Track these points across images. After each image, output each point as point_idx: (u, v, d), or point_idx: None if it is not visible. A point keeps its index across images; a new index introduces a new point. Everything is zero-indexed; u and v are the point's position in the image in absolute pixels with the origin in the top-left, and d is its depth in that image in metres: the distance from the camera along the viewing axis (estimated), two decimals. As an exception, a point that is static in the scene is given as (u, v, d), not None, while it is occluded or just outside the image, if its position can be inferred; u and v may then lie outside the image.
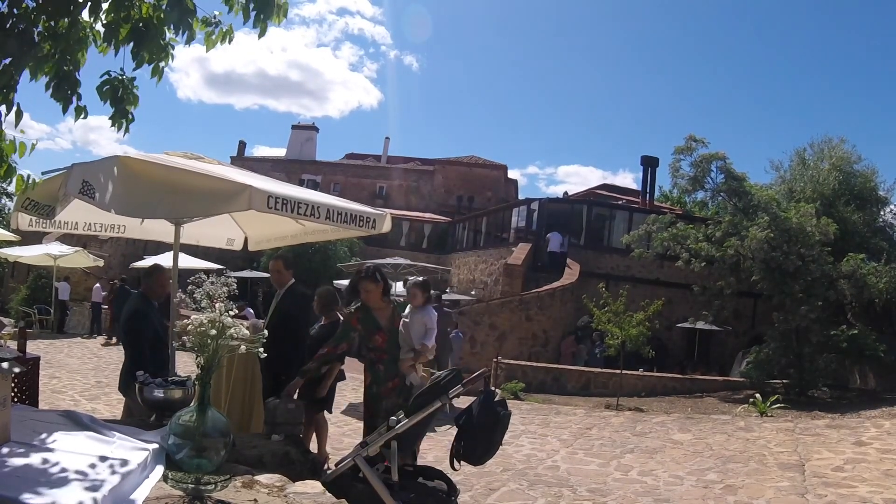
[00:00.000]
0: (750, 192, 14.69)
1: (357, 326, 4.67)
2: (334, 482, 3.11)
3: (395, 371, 4.59)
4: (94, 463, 2.37)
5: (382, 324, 4.65)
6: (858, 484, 5.68)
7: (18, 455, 2.33)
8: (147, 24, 3.08)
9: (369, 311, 4.66)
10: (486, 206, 30.99)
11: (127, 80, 3.25)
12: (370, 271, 4.73)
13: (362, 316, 4.66)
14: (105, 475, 2.26)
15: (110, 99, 3.22)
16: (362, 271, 4.82)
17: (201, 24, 3.18)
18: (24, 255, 16.42)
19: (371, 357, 4.67)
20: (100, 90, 3.22)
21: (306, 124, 41.88)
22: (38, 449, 2.43)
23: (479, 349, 16.01)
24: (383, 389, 4.57)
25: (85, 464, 2.34)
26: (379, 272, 4.75)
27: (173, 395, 3.25)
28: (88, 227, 5.19)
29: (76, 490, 2.09)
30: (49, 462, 2.32)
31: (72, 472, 2.24)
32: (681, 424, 9.09)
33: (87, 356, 12.65)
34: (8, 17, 2.79)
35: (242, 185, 3.60)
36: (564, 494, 5.65)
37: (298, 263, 15.59)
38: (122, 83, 3.23)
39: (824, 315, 13.54)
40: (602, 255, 20.06)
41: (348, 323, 4.77)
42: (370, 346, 4.66)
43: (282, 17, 3.16)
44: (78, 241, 17.83)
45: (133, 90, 3.28)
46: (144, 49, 3.07)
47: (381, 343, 4.63)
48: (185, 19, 3.03)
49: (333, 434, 7.57)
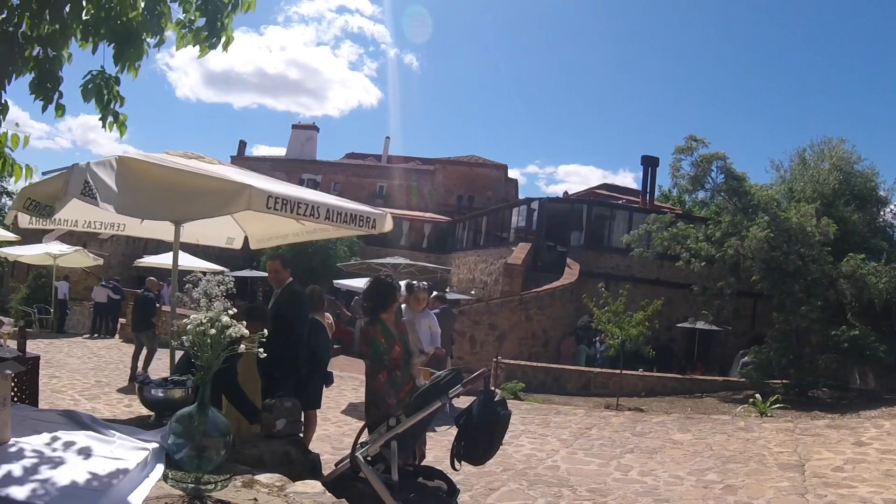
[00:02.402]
0: (750, 191, 14.70)
1: (381, 341, 4.67)
2: (334, 482, 3.11)
3: (408, 375, 4.69)
4: (93, 463, 2.37)
5: (396, 334, 4.71)
6: (858, 484, 5.68)
7: (18, 455, 2.33)
8: (128, 27, 3.07)
9: (385, 324, 4.70)
10: (486, 206, 31.00)
11: (112, 79, 3.23)
12: (398, 283, 4.83)
13: (382, 329, 4.69)
14: (105, 475, 2.26)
15: (95, 98, 3.21)
16: (394, 283, 4.84)
17: (175, 25, 3.19)
18: (24, 255, 16.42)
19: (388, 366, 4.68)
20: (84, 89, 3.20)
21: (307, 124, 41.92)
22: (37, 449, 2.43)
23: (479, 349, 16.01)
24: (400, 395, 4.62)
25: (84, 464, 2.34)
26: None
27: (173, 395, 3.25)
28: (88, 225, 5.21)
29: (76, 490, 2.09)
30: (49, 462, 2.32)
31: (72, 472, 2.24)
32: (681, 424, 9.08)
33: (87, 356, 12.65)
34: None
35: (242, 185, 3.59)
36: (564, 494, 5.65)
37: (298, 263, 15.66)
38: (105, 80, 3.22)
39: (824, 315, 13.55)
40: (602, 254, 20.08)
41: (375, 339, 4.70)
42: (387, 359, 4.68)
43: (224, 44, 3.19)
44: (78, 240, 17.84)
45: (116, 89, 3.27)
46: (127, 51, 3.08)
47: (398, 353, 4.70)
48: (159, 23, 3.05)
49: (333, 434, 7.57)
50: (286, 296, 5.35)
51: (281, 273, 5.38)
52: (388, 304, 4.72)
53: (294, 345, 5.09)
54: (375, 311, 4.73)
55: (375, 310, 4.74)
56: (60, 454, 2.41)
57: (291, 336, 5.15)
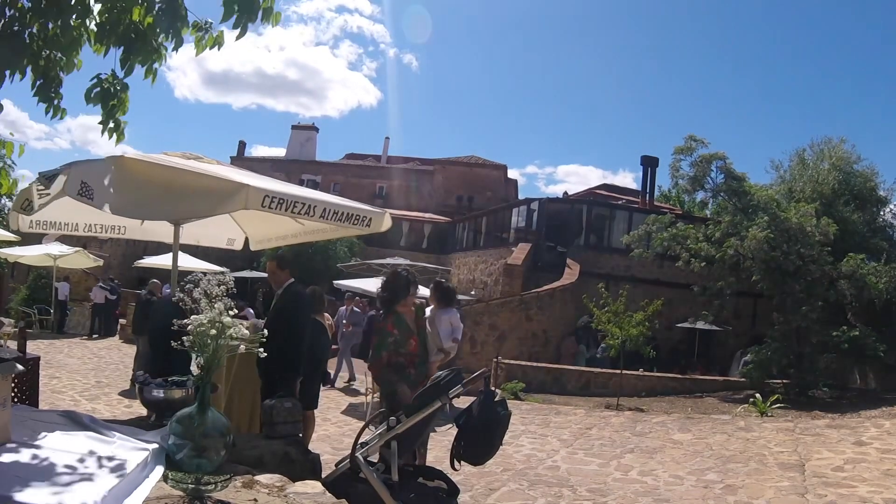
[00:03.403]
0: (750, 192, 14.70)
1: (394, 332, 4.62)
2: (334, 482, 3.11)
3: (424, 373, 4.62)
4: (94, 463, 2.37)
5: (413, 328, 4.66)
6: (858, 484, 5.68)
7: (18, 455, 2.33)
8: (136, 31, 3.06)
9: (401, 316, 4.66)
10: (486, 206, 30.98)
11: (119, 85, 3.22)
12: (414, 277, 4.74)
13: (395, 320, 4.64)
14: (105, 475, 2.26)
15: (101, 103, 3.19)
16: (410, 276, 4.81)
17: (192, 28, 3.17)
18: (24, 256, 16.43)
19: (401, 362, 4.61)
20: (88, 94, 3.18)
21: (306, 124, 41.92)
22: (38, 449, 2.43)
23: (479, 349, 16.01)
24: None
25: (85, 464, 2.34)
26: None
27: (173, 395, 3.25)
28: (88, 229, 5.20)
29: (76, 490, 2.09)
30: (49, 462, 2.32)
31: (72, 473, 2.24)
32: (681, 424, 9.09)
33: (87, 356, 12.66)
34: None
35: (239, 184, 3.59)
36: (564, 494, 5.65)
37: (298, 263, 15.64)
38: (112, 85, 3.20)
39: (824, 315, 13.54)
40: (602, 255, 20.08)
41: (384, 330, 4.66)
42: (402, 352, 4.62)
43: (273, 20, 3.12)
44: (78, 241, 17.83)
45: (123, 96, 3.25)
46: (134, 55, 3.06)
47: (414, 347, 4.64)
48: (175, 25, 3.02)
49: (333, 434, 7.58)
50: (286, 297, 5.35)
51: (278, 274, 5.37)
52: (401, 296, 4.70)
53: (295, 345, 5.09)
54: (390, 303, 4.75)
55: (390, 301, 4.76)
56: (60, 455, 2.41)
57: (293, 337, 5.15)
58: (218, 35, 3.27)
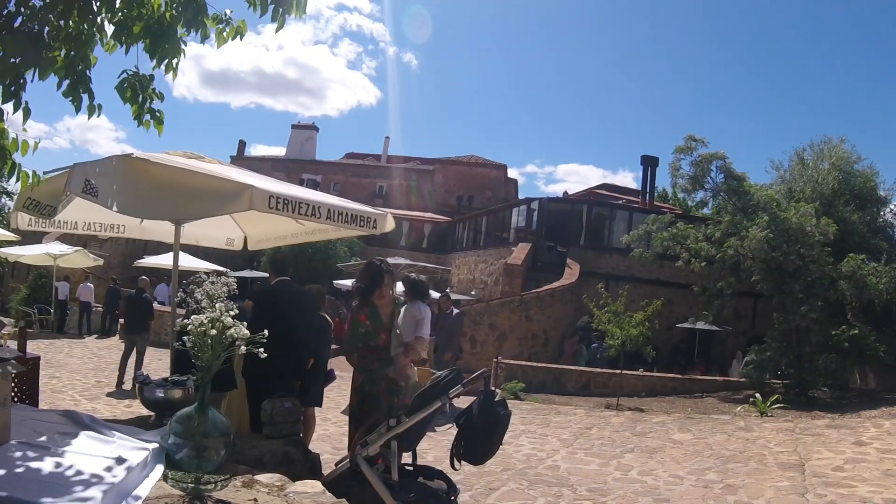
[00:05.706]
0: (750, 191, 14.69)
1: (366, 323, 4.55)
2: (334, 482, 3.11)
3: (387, 369, 4.55)
4: (94, 463, 2.37)
5: (386, 322, 4.61)
6: (858, 484, 5.69)
7: (18, 455, 2.33)
8: (161, 22, 3.06)
9: (377, 310, 4.60)
10: (486, 206, 30.99)
11: (146, 78, 3.22)
12: (388, 266, 4.69)
13: (371, 313, 4.58)
14: (105, 475, 2.26)
15: (130, 97, 3.19)
16: (383, 265, 4.74)
17: (212, 21, 3.16)
18: (24, 255, 16.43)
19: (368, 356, 4.58)
20: (119, 89, 3.18)
21: (306, 124, 41.94)
22: (38, 449, 2.43)
23: (479, 349, 16.01)
24: (376, 389, 4.51)
25: (85, 463, 2.34)
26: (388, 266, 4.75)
27: (173, 396, 3.26)
28: (88, 227, 5.20)
29: (76, 490, 2.09)
30: (49, 462, 2.32)
31: (72, 472, 2.24)
32: (681, 424, 9.09)
33: (87, 356, 12.66)
34: (16, 15, 2.77)
35: (244, 185, 3.59)
36: (564, 494, 5.65)
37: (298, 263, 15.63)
38: (140, 81, 3.20)
39: (824, 315, 13.54)
40: (602, 254, 20.08)
41: (357, 320, 4.59)
42: (372, 345, 4.58)
43: (301, 11, 3.10)
44: (78, 240, 17.83)
45: (152, 87, 3.26)
46: (161, 47, 3.05)
47: (384, 342, 4.58)
48: (198, 18, 3.02)
49: (333, 434, 7.57)
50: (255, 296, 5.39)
51: (270, 277, 5.41)
52: (376, 285, 4.63)
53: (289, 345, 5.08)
54: (366, 293, 4.69)
55: (366, 291, 4.69)
56: (60, 454, 2.41)
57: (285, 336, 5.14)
58: (239, 25, 3.26)
